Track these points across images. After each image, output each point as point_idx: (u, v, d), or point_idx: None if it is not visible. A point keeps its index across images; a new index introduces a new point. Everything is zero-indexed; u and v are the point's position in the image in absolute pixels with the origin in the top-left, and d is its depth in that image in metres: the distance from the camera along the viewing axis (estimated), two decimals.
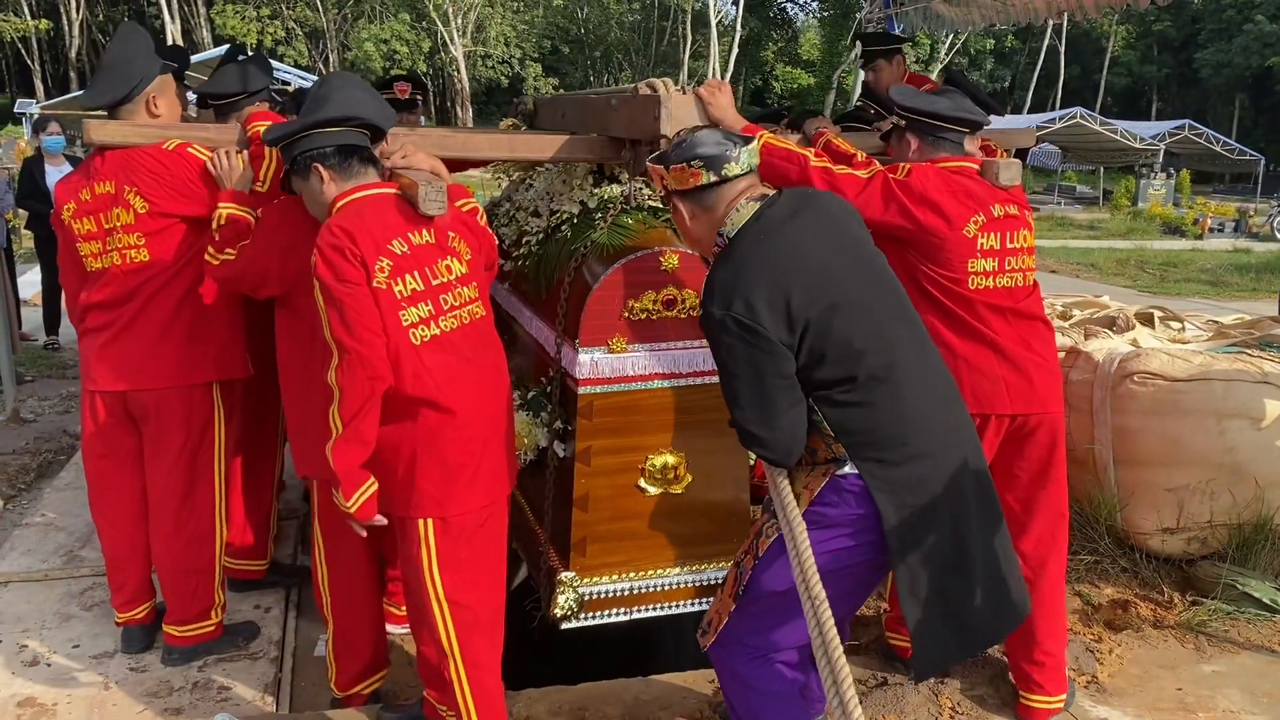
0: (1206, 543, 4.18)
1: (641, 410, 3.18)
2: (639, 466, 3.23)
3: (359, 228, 2.50)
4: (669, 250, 3.09)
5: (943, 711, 3.20)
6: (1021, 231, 3.08)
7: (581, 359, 3.07)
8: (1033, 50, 44.50)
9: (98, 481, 3.42)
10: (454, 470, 2.59)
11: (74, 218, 3.18)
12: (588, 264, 3.17)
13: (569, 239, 3.36)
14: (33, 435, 6.02)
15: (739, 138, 2.41)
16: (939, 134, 3.10)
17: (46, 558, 4.18)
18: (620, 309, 3.08)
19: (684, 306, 3.13)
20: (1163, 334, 4.94)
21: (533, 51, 43.48)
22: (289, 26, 38.80)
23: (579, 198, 3.51)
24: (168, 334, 3.21)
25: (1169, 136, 27.64)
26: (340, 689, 3.14)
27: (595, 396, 3.12)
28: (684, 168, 2.36)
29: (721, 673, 2.55)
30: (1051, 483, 3.12)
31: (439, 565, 2.63)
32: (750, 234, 2.32)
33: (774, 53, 48.50)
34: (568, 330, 3.18)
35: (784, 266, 2.27)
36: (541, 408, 3.32)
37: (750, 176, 2.41)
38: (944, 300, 3.01)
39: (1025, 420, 3.05)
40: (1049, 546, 3.14)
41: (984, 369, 3.01)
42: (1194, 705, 3.33)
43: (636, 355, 3.12)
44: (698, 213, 2.43)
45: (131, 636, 3.51)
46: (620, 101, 3.21)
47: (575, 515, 3.17)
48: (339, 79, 2.80)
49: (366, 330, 2.45)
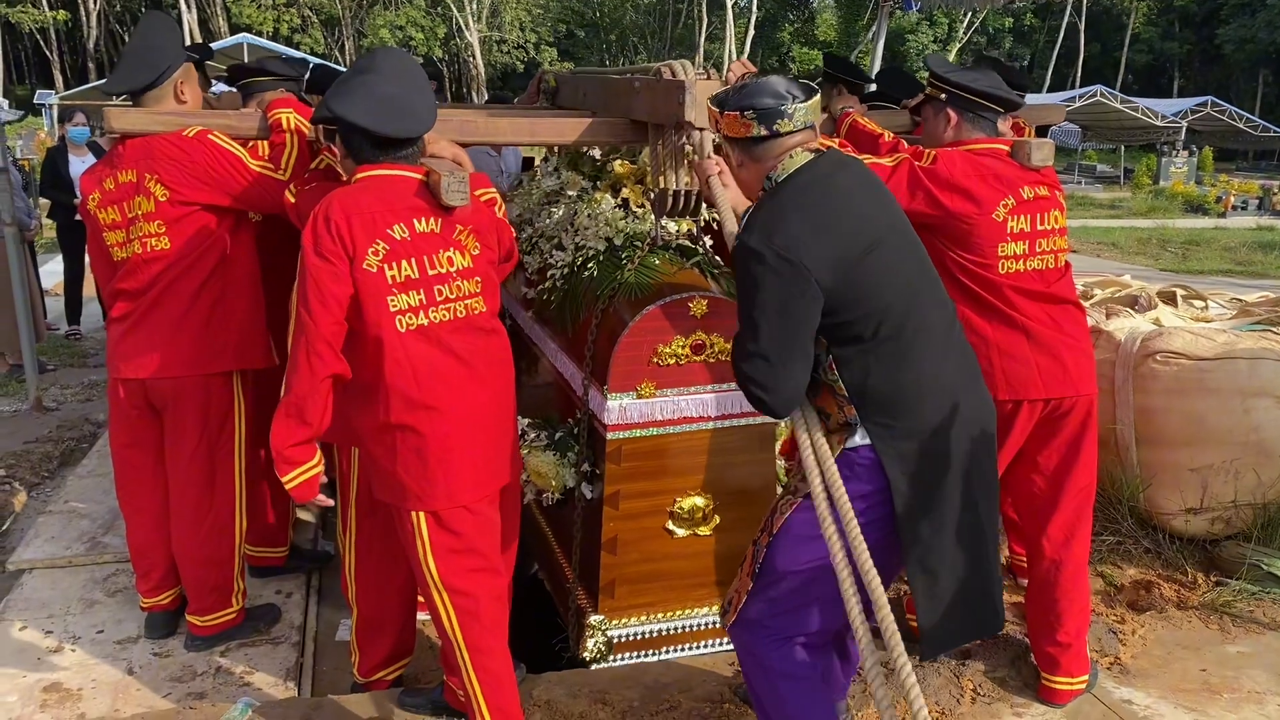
0: (1230, 523, 4.14)
1: (670, 453, 3.20)
2: (667, 509, 3.25)
3: (359, 207, 2.48)
4: (697, 296, 3.09)
5: (964, 693, 3.19)
6: (1053, 213, 3.03)
7: (610, 405, 3.08)
8: (1052, 28, 44.04)
9: (123, 470, 3.44)
10: (434, 464, 2.56)
11: (99, 207, 3.18)
12: (615, 308, 3.16)
13: (595, 278, 3.34)
14: (55, 423, 6.06)
15: (801, 91, 2.33)
16: (979, 111, 3.05)
17: (70, 544, 4.21)
18: (649, 355, 3.08)
19: (713, 351, 3.14)
20: (1185, 312, 4.89)
21: (548, 36, 43.41)
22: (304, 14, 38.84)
23: (605, 234, 3.47)
24: (185, 322, 3.21)
25: (1191, 114, 27.33)
26: (363, 675, 3.14)
27: (624, 441, 3.13)
28: (737, 116, 2.32)
29: (742, 655, 2.54)
30: (1081, 465, 3.08)
31: (434, 554, 2.62)
32: (798, 180, 2.30)
33: (790, 34, 48.25)
34: (596, 374, 3.18)
35: (830, 209, 2.26)
36: (569, 448, 3.33)
37: (805, 132, 2.35)
38: (974, 286, 2.98)
39: (1059, 404, 3.02)
40: (1074, 528, 3.11)
41: (1016, 354, 2.98)
42: (1218, 686, 3.31)
43: (665, 400, 3.13)
44: (746, 161, 2.40)
45: (155, 622, 3.53)
46: (643, 85, 3.17)
47: (603, 558, 3.20)
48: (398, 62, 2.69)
49: (324, 310, 2.44)
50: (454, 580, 2.65)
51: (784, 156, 2.33)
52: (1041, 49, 45.58)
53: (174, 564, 3.49)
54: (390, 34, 37.60)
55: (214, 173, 3.10)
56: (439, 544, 2.62)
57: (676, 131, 3.03)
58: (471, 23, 38.12)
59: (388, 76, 2.57)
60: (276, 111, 3.17)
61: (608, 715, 3.02)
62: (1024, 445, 3.10)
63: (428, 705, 3.02)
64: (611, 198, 3.61)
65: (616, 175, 3.69)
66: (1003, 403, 2.96)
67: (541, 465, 3.30)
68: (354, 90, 2.53)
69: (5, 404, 6.52)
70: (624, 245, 3.40)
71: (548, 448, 3.33)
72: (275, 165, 3.14)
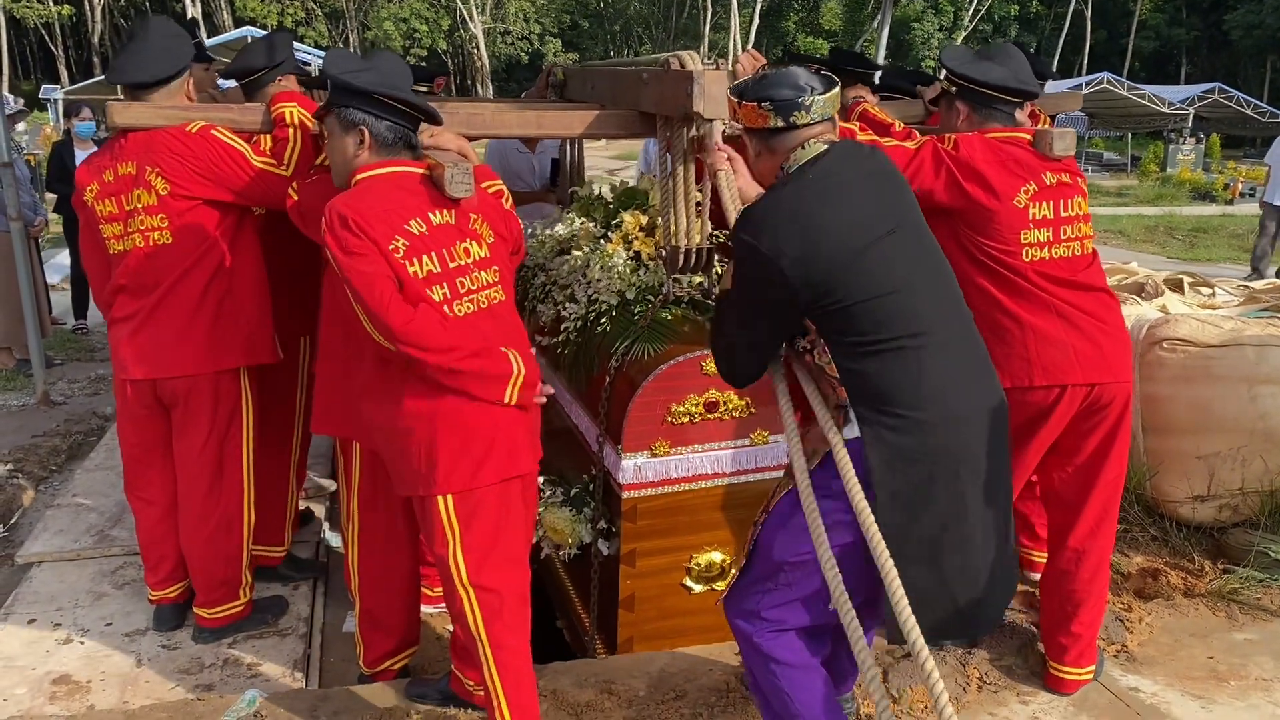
0: (1238, 510, 4.13)
1: (686, 510, 3.21)
2: (684, 565, 3.28)
3: (370, 208, 2.48)
4: (709, 354, 3.08)
5: (970, 681, 3.19)
6: (1075, 199, 3.01)
7: (625, 465, 3.10)
8: (1058, 15, 43.78)
9: (132, 465, 3.44)
10: (469, 447, 2.58)
11: (97, 199, 3.17)
12: (628, 367, 3.18)
13: (608, 333, 3.36)
14: (63, 417, 6.08)
15: (820, 82, 2.33)
16: (991, 104, 3.03)
17: (78, 538, 4.23)
18: (662, 414, 3.11)
19: (726, 408, 3.16)
20: (1192, 300, 4.88)
21: (552, 27, 43.33)
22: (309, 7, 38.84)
23: (617, 287, 3.47)
24: (195, 320, 3.19)
25: (1198, 100, 27.16)
26: (368, 666, 3.16)
27: (639, 500, 3.15)
28: (755, 107, 2.32)
29: (741, 643, 2.54)
30: (1113, 458, 3.04)
31: (462, 548, 2.62)
32: (804, 175, 2.29)
33: (795, 23, 48.06)
34: (610, 432, 3.19)
35: (827, 207, 2.24)
36: (584, 504, 3.34)
37: (823, 125, 2.34)
38: (1003, 272, 2.95)
39: (1101, 391, 2.96)
40: (1101, 521, 3.07)
41: (1053, 337, 2.93)
42: (1225, 673, 3.30)
43: (679, 458, 3.16)
44: (764, 151, 2.40)
45: (163, 614, 3.54)
46: (651, 76, 3.16)
47: (621, 615, 3.23)
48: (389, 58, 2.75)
49: (380, 294, 2.44)
50: (480, 577, 2.65)
51: (798, 147, 2.33)
52: (1048, 36, 45.33)
53: (183, 557, 3.49)
54: (394, 26, 37.58)
55: (216, 168, 3.09)
56: (468, 538, 2.61)
57: (685, 123, 3.02)
58: (475, 14, 38.06)
59: (380, 68, 2.62)
60: (279, 106, 3.15)
61: (614, 704, 3.02)
62: (1060, 436, 3.05)
63: (435, 695, 3.03)
64: (624, 250, 3.62)
65: (627, 228, 3.70)
66: (1041, 390, 2.93)
67: (558, 522, 3.32)
68: (360, 70, 2.57)
69: (13, 398, 6.55)
70: (636, 299, 3.42)
71: (564, 504, 3.36)
72: (278, 160, 3.12)
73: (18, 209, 6.24)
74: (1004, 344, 2.93)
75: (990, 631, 2.52)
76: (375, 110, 2.56)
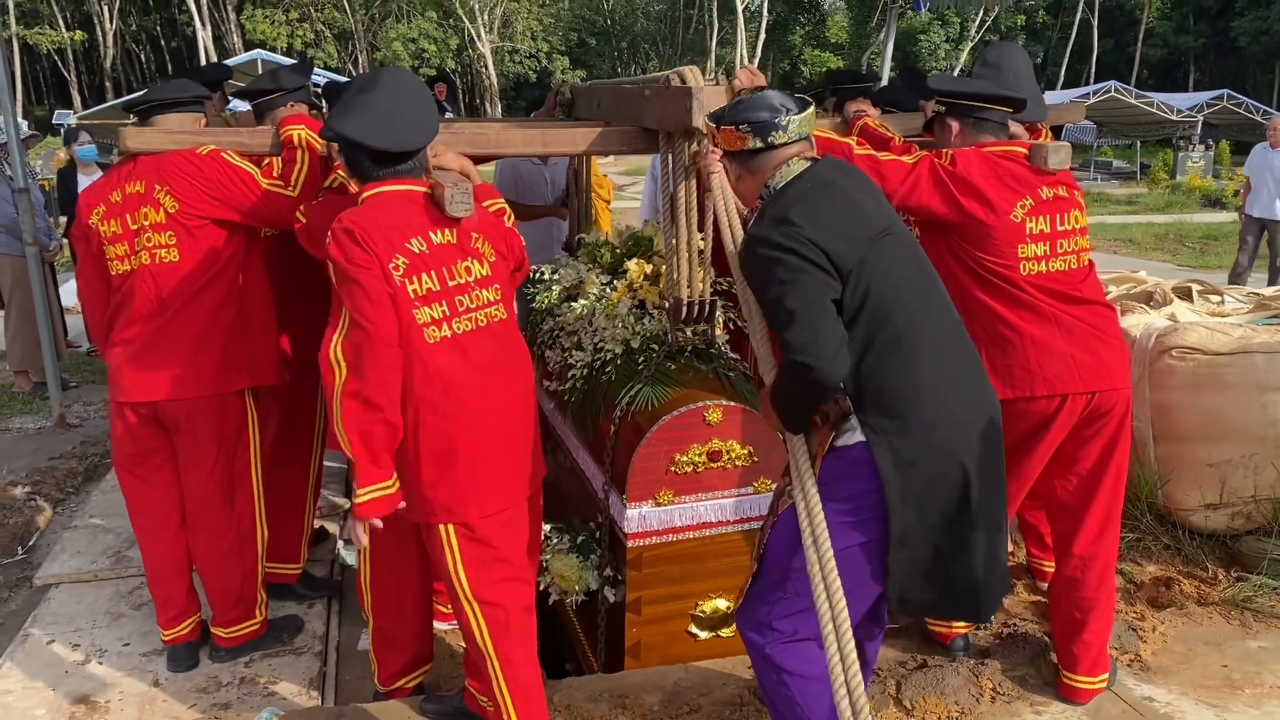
0: (1250, 518, 4.12)
1: (690, 558, 3.25)
2: (690, 613, 3.31)
3: (374, 224, 2.50)
4: (712, 404, 3.14)
5: (984, 692, 3.19)
6: (1072, 213, 3.03)
7: (630, 514, 3.14)
8: (1065, 25, 43.81)
9: (134, 496, 3.39)
10: (463, 475, 2.59)
11: (102, 220, 3.18)
12: (632, 418, 3.22)
13: (614, 381, 3.41)
14: (79, 440, 6.13)
15: (795, 103, 2.41)
16: (980, 115, 3.06)
17: (95, 559, 4.26)
18: (666, 464, 3.15)
19: (729, 458, 3.19)
20: (1201, 308, 4.87)
21: (559, 45, 43.53)
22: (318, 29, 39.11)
23: (622, 336, 3.53)
24: (204, 342, 3.20)
25: (1207, 107, 27.11)
26: (383, 684, 3.17)
27: (644, 549, 3.19)
28: (733, 130, 2.41)
29: (752, 654, 2.55)
30: (1115, 464, 3.06)
31: (464, 566, 2.65)
32: (798, 184, 2.38)
33: (801, 37, 48.22)
34: (615, 481, 3.23)
35: (832, 205, 2.33)
36: (591, 551, 3.38)
37: (801, 144, 2.43)
38: (1002, 285, 2.97)
39: (1101, 399, 2.98)
40: (1105, 527, 3.09)
41: (1053, 348, 2.95)
42: (1240, 682, 3.29)
43: (683, 507, 3.20)
44: (744, 174, 2.48)
45: (178, 654, 3.47)
46: (653, 93, 3.22)
47: (627, 662, 3.26)
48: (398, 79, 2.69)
49: (379, 309, 2.46)
50: (485, 592, 2.67)
51: (780, 167, 2.42)
52: (1055, 46, 45.39)
53: (191, 587, 3.48)
54: (403, 46, 37.82)
55: (225, 188, 3.13)
56: (469, 556, 2.65)
57: (685, 137, 3.06)
58: (484, 33, 38.27)
59: (387, 93, 2.59)
60: (288, 128, 3.19)
61: (628, 719, 3.03)
62: (1061, 444, 3.07)
63: (449, 711, 3.04)
64: (629, 298, 3.66)
65: (631, 276, 3.75)
66: (1043, 399, 2.95)
67: (565, 569, 3.35)
68: (355, 108, 2.55)
69: (30, 421, 6.60)
70: (641, 348, 3.47)
71: (570, 550, 3.39)
72: (285, 182, 3.16)
73: (33, 234, 6.31)
74: (1006, 355, 2.97)
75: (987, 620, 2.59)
76: None
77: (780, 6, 45.52)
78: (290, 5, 38.28)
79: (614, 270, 4.05)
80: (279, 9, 37.86)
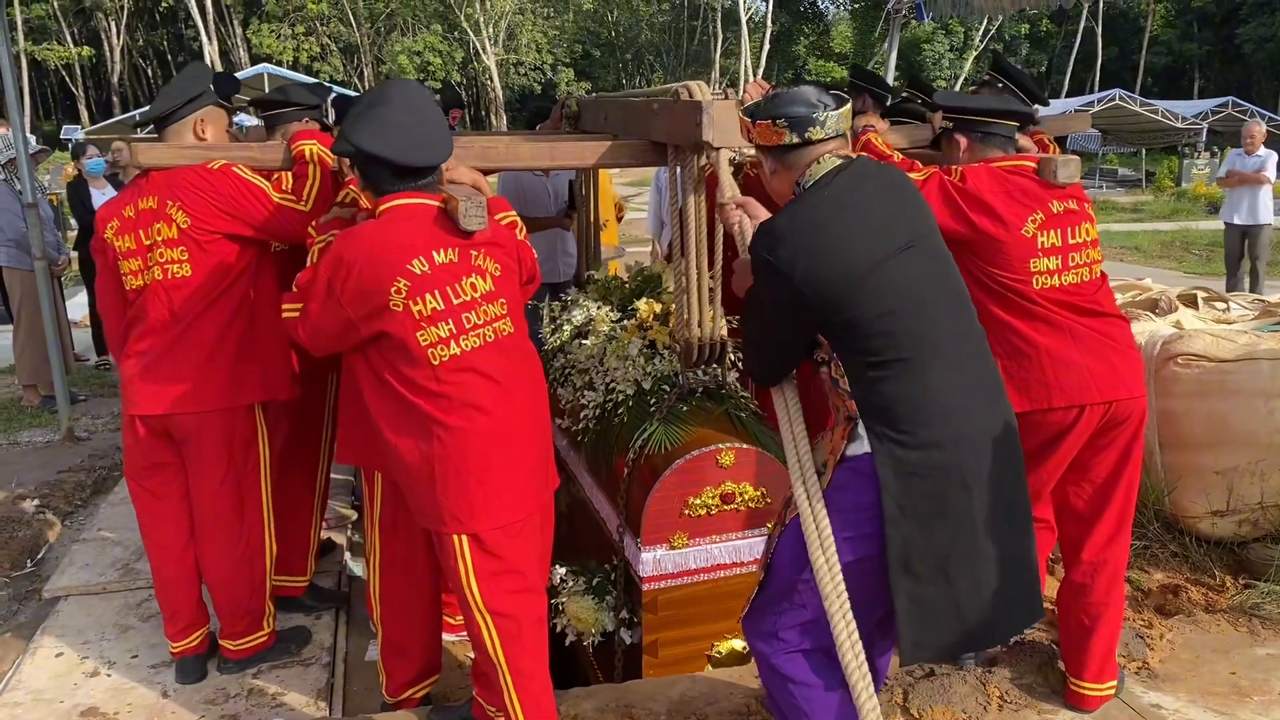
0: (1258, 525, 4.12)
1: (706, 600, 3.26)
2: (706, 654, 3.32)
3: (374, 248, 2.53)
4: (724, 447, 3.16)
5: (990, 700, 3.18)
6: (1083, 225, 3.03)
7: (644, 557, 3.16)
8: (1069, 33, 43.83)
9: (144, 509, 3.40)
10: (476, 487, 2.60)
11: (116, 234, 3.20)
12: (646, 461, 3.24)
13: (625, 423, 3.43)
14: (87, 453, 6.15)
15: (831, 99, 2.37)
16: (987, 130, 3.07)
17: (104, 571, 4.28)
18: (679, 507, 3.16)
19: (743, 499, 3.21)
20: (1207, 315, 4.87)
21: (564, 57, 43.64)
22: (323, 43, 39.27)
23: (633, 376, 3.54)
24: (215, 356, 3.21)
25: (1212, 114, 27.10)
26: (391, 695, 3.17)
27: (659, 592, 3.21)
28: (769, 125, 2.36)
29: (759, 663, 2.54)
30: (1128, 473, 3.05)
31: (476, 577, 2.66)
32: (820, 190, 2.33)
33: (805, 47, 48.33)
34: (629, 523, 3.25)
35: (843, 224, 2.28)
36: (606, 593, 3.39)
37: (837, 140, 2.38)
38: (1015, 299, 2.97)
39: (1118, 408, 2.97)
40: (1115, 535, 3.08)
41: (1068, 360, 2.94)
42: (1248, 689, 3.29)
43: (698, 549, 3.21)
44: (779, 169, 2.43)
45: (186, 667, 3.47)
46: (661, 106, 3.22)
47: None
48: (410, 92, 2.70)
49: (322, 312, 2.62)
50: (497, 603, 2.68)
51: (813, 164, 2.37)
52: (1059, 54, 45.39)
53: (200, 600, 3.49)
54: (408, 60, 37.94)
55: (236, 203, 3.14)
56: (482, 567, 2.65)
57: (695, 151, 3.07)
58: (489, 46, 38.41)
59: (400, 107, 2.59)
60: (299, 143, 3.20)
61: None
62: (1076, 454, 3.05)
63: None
64: (639, 339, 3.68)
65: (642, 316, 3.76)
66: (1060, 411, 2.94)
67: (580, 611, 3.36)
68: (370, 121, 2.55)
69: (38, 434, 6.63)
70: (652, 389, 3.48)
71: (586, 593, 3.40)
72: (297, 197, 3.17)
73: (42, 248, 6.35)
74: (1022, 368, 2.96)
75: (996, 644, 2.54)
76: None
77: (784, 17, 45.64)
78: (296, 19, 38.45)
79: (624, 308, 4.06)
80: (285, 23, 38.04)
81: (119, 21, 40.05)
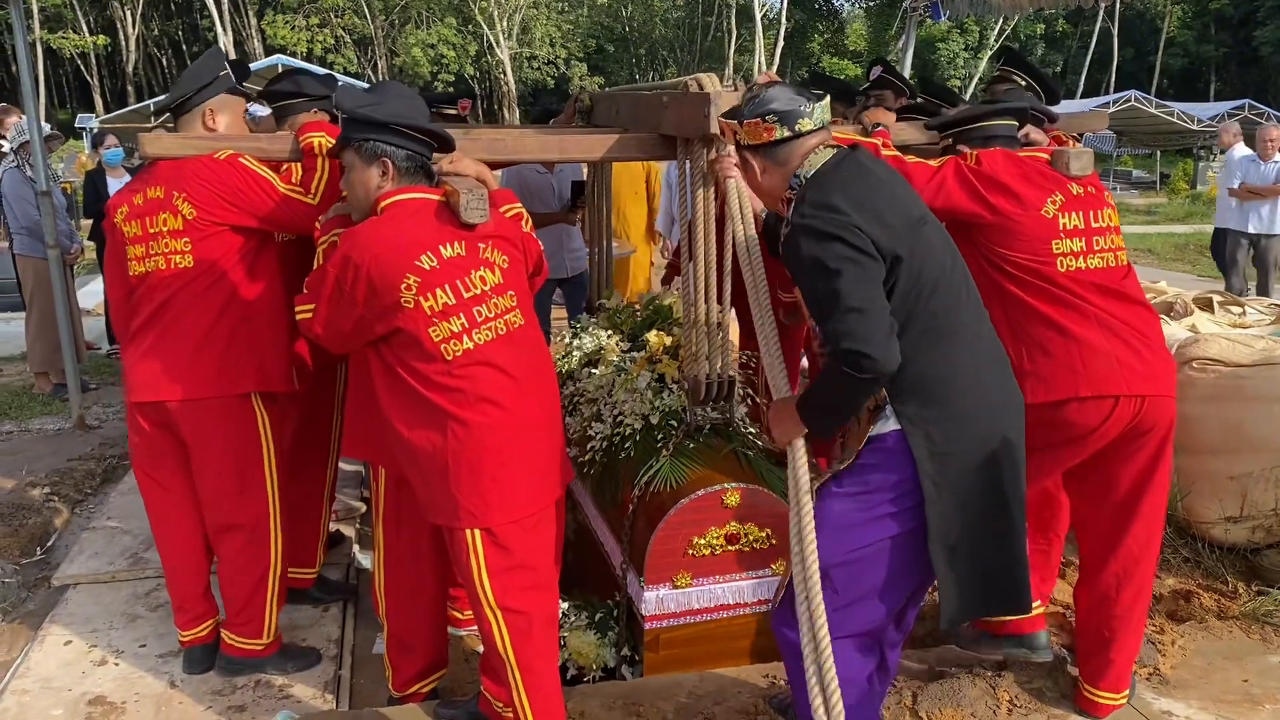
0: (1271, 531, 4.09)
1: (708, 640, 3.26)
2: None
3: (382, 245, 2.53)
4: (730, 488, 3.15)
5: (1000, 704, 3.16)
6: (1105, 210, 3.00)
7: (647, 596, 3.16)
8: (1084, 33, 43.58)
9: (151, 499, 3.39)
10: (490, 482, 2.59)
11: (125, 220, 3.19)
12: (651, 499, 3.23)
13: (633, 457, 3.42)
14: (97, 441, 6.17)
15: (811, 94, 2.42)
16: (985, 134, 3.08)
17: (113, 560, 4.29)
18: (684, 547, 3.15)
19: (747, 540, 3.20)
20: (1222, 319, 4.84)
21: (578, 51, 43.56)
22: (338, 34, 39.28)
23: (641, 411, 3.53)
24: (206, 343, 3.17)
25: (1228, 117, 26.91)
26: (398, 689, 3.17)
27: (661, 631, 3.21)
28: (757, 123, 2.39)
29: (786, 655, 2.54)
30: (1158, 481, 2.98)
31: (488, 573, 2.65)
32: (833, 170, 2.37)
33: (820, 44, 48.18)
34: (633, 561, 3.24)
35: (872, 190, 2.33)
36: (609, 628, 3.39)
37: (824, 132, 2.43)
38: (1039, 283, 2.92)
39: (1149, 408, 2.88)
40: (1144, 549, 3.01)
41: (1100, 347, 2.86)
42: (1260, 697, 3.26)
43: (701, 590, 3.21)
44: (769, 167, 2.46)
45: (194, 656, 3.46)
46: (671, 99, 3.21)
47: None
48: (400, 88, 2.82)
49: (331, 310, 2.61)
50: (508, 599, 2.67)
51: (809, 155, 2.40)
52: (1074, 55, 45.16)
53: (209, 592, 3.47)
54: (422, 52, 37.91)
55: (243, 195, 3.12)
56: (494, 563, 2.64)
57: (704, 144, 3.06)
58: (502, 40, 38.35)
59: (392, 99, 2.68)
60: (308, 135, 3.18)
61: None
62: (1105, 459, 2.97)
63: (464, 716, 3.04)
64: (649, 372, 3.66)
65: (651, 349, 3.75)
66: (1092, 401, 2.86)
67: (582, 646, 3.36)
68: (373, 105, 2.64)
69: (49, 423, 6.65)
70: (660, 424, 3.47)
71: (588, 628, 3.39)
72: (305, 189, 3.16)
73: (55, 237, 6.36)
74: (1048, 356, 2.89)
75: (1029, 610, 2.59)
76: (395, 141, 2.62)
77: (799, 14, 45.55)
78: (310, 11, 38.46)
79: (634, 338, 4.04)
80: (299, 14, 38.06)
81: (134, 10, 40.12)
